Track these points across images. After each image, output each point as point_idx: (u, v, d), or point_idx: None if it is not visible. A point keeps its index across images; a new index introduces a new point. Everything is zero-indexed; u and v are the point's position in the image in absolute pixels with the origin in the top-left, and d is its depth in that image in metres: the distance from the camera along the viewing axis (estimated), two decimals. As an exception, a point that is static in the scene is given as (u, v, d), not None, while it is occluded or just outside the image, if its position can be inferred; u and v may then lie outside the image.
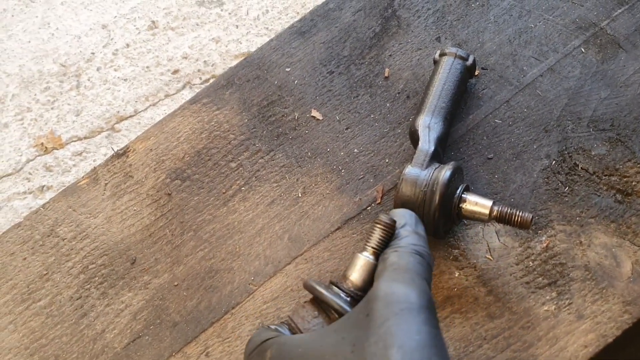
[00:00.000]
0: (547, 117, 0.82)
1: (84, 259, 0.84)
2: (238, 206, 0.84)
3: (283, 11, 1.53)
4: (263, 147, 0.87)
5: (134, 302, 0.80)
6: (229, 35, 1.54)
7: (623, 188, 0.78)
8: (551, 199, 0.78)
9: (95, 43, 1.59)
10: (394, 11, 0.92)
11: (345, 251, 0.79)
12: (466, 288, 0.75)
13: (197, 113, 0.91)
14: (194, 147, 0.89)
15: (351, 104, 0.88)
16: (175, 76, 1.53)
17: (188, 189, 0.86)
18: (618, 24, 0.86)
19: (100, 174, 0.89)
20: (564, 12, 0.88)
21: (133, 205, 0.86)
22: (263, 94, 0.91)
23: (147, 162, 0.89)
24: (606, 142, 0.80)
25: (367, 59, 0.91)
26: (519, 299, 0.74)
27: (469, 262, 0.76)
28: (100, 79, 1.54)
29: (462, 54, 0.81)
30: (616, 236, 0.75)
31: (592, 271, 0.74)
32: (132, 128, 1.47)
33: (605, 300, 0.73)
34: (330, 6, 0.95)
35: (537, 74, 0.85)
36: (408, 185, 0.73)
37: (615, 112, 0.81)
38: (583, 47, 0.86)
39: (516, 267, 0.75)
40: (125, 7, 1.63)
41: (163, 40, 1.58)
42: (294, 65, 0.92)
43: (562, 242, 0.76)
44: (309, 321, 0.60)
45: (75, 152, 1.46)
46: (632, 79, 0.83)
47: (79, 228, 0.86)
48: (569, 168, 0.80)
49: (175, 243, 0.83)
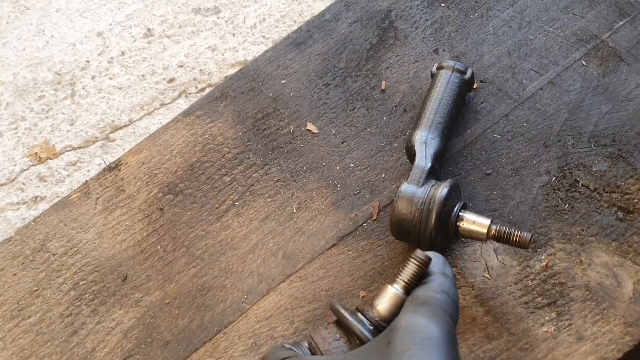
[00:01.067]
0: (547, 132, 0.81)
1: (74, 275, 0.83)
2: (231, 222, 0.82)
3: (280, 19, 1.51)
4: (257, 161, 0.86)
5: (125, 320, 0.78)
6: (225, 44, 1.53)
7: (624, 205, 0.76)
8: (551, 217, 0.76)
9: (90, 51, 1.58)
10: (391, 22, 0.91)
11: (340, 269, 0.77)
12: (464, 308, 0.73)
13: (190, 125, 0.89)
14: (187, 160, 0.87)
15: (347, 117, 0.87)
16: (171, 85, 1.51)
17: (181, 203, 0.84)
18: (619, 37, 0.84)
19: (91, 188, 0.88)
20: (565, 24, 0.86)
21: (125, 220, 0.85)
22: (258, 106, 0.89)
23: (139, 176, 0.87)
24: (607, 158, 0.78)
25: (364, 71, 0.89)
26: (517, 319, 0.72)
27: (467, 281, 0.75)
28: (95, 88, 1.53)
29: (460, 67, 0.79)
30: (617, 255, 0.74)
31: (593, 291, 0.72)
32: (126, 138, 1.45)
33: (606, 322, 0.71)
34: (326, 17, 0.93)
35: (537, 87, 0.83)
36: (404, 203, 0.71)
37: (617, 127, 0.80)
38: (584, 60, 0.84)
39: (515, 287, 0.74)
40: (120, 15, 1.61)
41: (159, 49, 1.56)
42: (289, 77, 0.91)
43: (562, 261, 0.74)
44: (330, 343, 0.59)
45: (70, 162, 1.45)
46: (634, 93, 0.81)
47: (70, 243, 0.85)
48: (569, 184, 0.78)
49: (167, 259, 0.81)
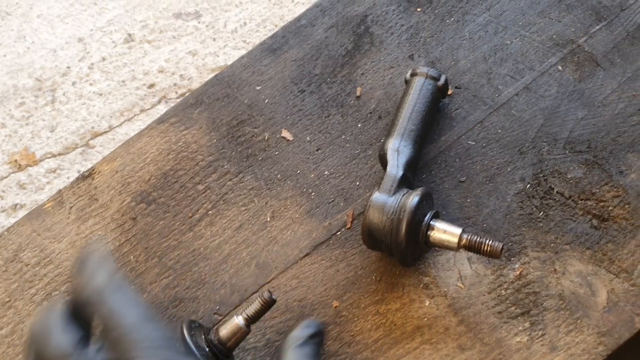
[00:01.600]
0: (522, 139, 0.80)
1: (47, 286, 0.82)
2: (204, 231, 0.81)
3: (261, 23, 1.51)
4: (232, 169, 0.85)
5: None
6: (206, 49, 1.52)
7: (599, 213, 0.75)
8: (525, 225, 0.76)
9: (71, 57, 1.57)
10: (367, 28, 0.90)
11: (313, 279, 0.77)
12: (437, 317, 0.73)
13: (164, 133, 0.88)
14: (160, 168, 0.86)
15: (322, 124, 0.86)
16: (151, 90, 1.50)
17: (153, 213, 0.83)
18: (596, 41, 0.83)
19: (65, 197, 0.87)
20: (541, 28, 0.85)
21: (98, 230, 0.84)
22: (233, 113, 0.89)
23: (112, 185, 0.86)
24: (583, 165, 0.78)
25: (339, 77, 0.88)
26: (490, 329, 0.71)
27: (440, 290, 0.74)
28: (76, 94, 1.52)
29: (433, 74, 0.78)
30: (592, 264, 0.73)
31: (567, 300, 0.72)
32: (106, 144, 1.45)
33: (579, 331, 0.70)
34: (302, 22, 0.92)
35: (513, 93, 0.82)
36: (375, 212, 0.70)
37: (592, 133, 0.79)
38: (560, 64, 0.83)
39: (488, 296, 0.73)
40: (101, 20, 1.60)
41: (139, 54, 1.55)
42: (264, 84, 0.90)
43: (535, 270, 0.73)
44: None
45: (49, 170, 1.44)
46: (610, 99, 0.80)
47: (43, 253, 0.84)
48: (544, 192, 0.77)
49: (139, 270, 0.80)
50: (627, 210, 0.75)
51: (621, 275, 0.72)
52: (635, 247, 0.73)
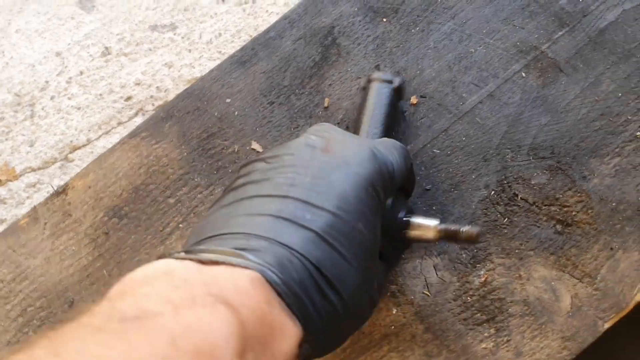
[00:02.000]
0: (486, 146, 0.81)
1: (22, 302, 0.82)
2: (175, 244, 0.82)
3: (236, 34, 1.51)
4: (202, 182, 0.86)
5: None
6: (181, 60, 1.52)
7: (563, 218, 0.76)
8: (490, 231, 0.76)
9: (49, 71, 1.58)
10: (334, 39, 0.91)
11: (282, 289, 0.77)
12: (404, 325, 0.73)
13: (136, 147, 0.89)
14: (132, 183, 0.87)
15: (291, 135, 0.87)
16: (128, 103, 1.51)
17: (125, 227, 0.84)
18: (559, 47, 0.84)
19: (40, 213, 0.87)
20: (505, 36, 0.86)
21: (72, 245, 0.85)
22: (203, 126, 0.89)
23: (85, 200, 0.87)
24: (546, 171, 0.78)
25: (308, 88, 0.89)
26: (456, 336, 0.72)
27: (407, 298, 0.75)
28: (54, 108, 1.53)
29: (386, 78, 0.79)
30: (555, 269, 0.74)
31: (531, 306, 0.72)
32: (84, 158, 1.45)
33: (544, 336, 0.71)
34: (270, 34, 0.93)
35: (477, 100, 0.83)
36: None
37: (556, 139, 0.80)
38: (524, 71, 0.84)
39: (454, 303, 0.74)
40: (79, 34, 1.61)
41: (116, 67, 1.56)
42: (234, 96, 0.90)
43: (500, 276, 0.74)
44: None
45: (29, 184, 1.45)
46: (573, 104, 0.81)
47: (19, 269, 0.84)
48: (508, 198, 0.78)
49: (111, 284, 0.80)
50: (590, 215, 0.76)
51: (584, 280, 0.73)
52: (598, 251, 0.74)
